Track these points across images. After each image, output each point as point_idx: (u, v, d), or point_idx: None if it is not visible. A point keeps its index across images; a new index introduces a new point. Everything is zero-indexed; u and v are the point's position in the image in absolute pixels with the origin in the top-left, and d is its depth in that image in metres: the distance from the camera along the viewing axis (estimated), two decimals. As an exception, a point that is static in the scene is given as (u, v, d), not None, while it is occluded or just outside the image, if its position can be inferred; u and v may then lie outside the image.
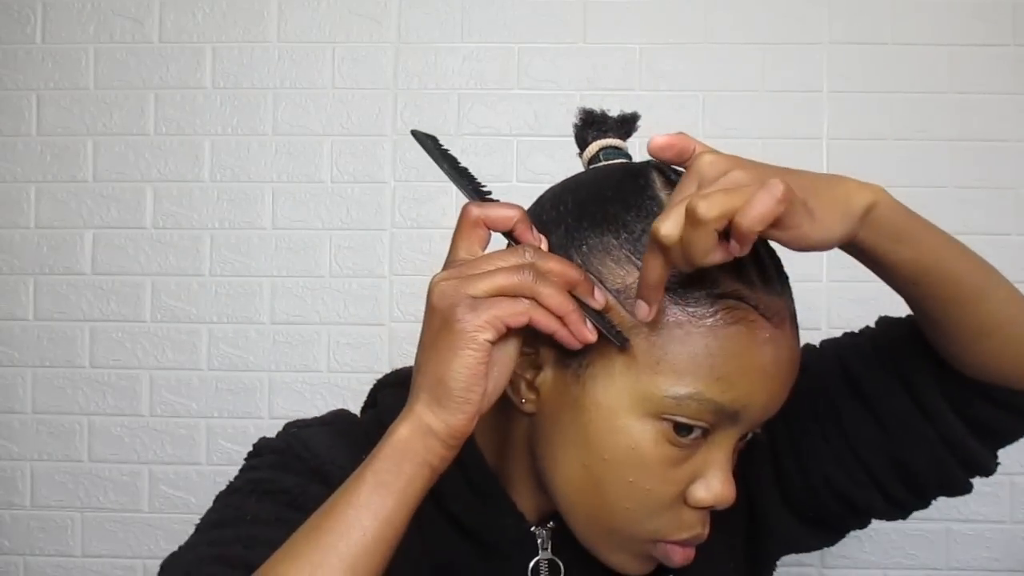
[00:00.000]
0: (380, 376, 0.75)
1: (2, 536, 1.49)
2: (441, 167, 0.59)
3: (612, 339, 0.54)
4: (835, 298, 1.42)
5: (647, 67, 1.48)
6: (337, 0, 1.50)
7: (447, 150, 0.60)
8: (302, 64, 1.50)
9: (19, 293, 1.50)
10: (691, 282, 0.53)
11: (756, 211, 0.45)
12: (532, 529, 0.64)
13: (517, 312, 0.50)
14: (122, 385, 1.49)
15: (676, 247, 0.48)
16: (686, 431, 0.54)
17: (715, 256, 0.47)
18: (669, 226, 0.48)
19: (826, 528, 0.71)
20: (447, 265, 0.53)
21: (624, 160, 0.64)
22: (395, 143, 1.49)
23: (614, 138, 0.64)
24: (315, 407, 1.47)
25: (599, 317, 0.54)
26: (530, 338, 0.56)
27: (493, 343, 0.50)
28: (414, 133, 0.60)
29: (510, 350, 0.52)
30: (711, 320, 0.53)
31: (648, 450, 0.54)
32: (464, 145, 1.48)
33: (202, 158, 1.50)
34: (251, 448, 0.67)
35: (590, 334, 0.53)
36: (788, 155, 1.46)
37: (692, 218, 0.46)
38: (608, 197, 0.58)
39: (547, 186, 0.65)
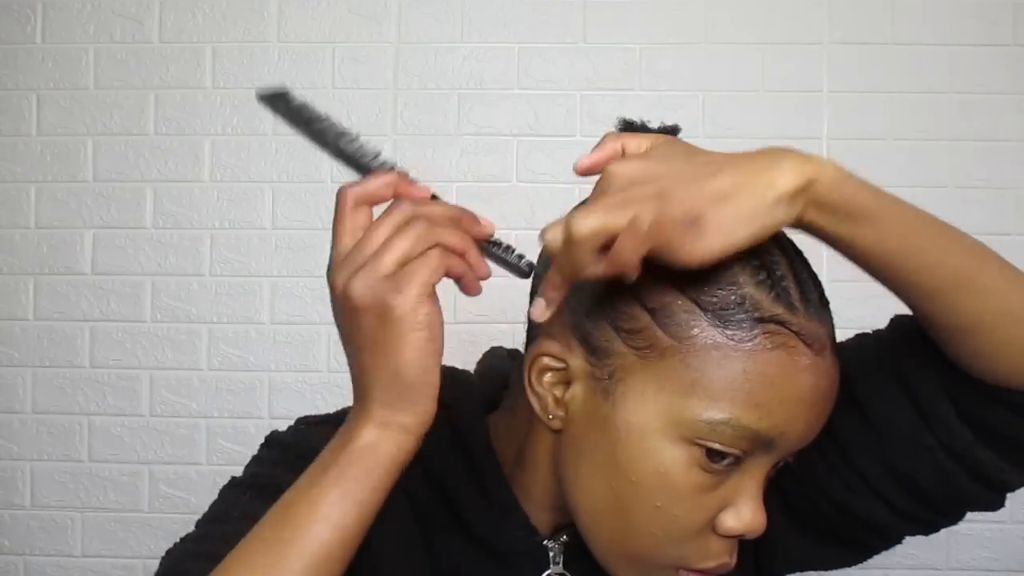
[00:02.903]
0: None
1: (2, 536, 1.49)
2: (300, 130, 0.52)
3: (510, 270, 0.54)
4: (835, 298, 1.41)
5: (647, 67, 1.48)
6: (337, 0, 1.50)
7: (303, 106, 0.52)
8: (302, 64, 1.50)
9: (19, 293, 1.50)
10: (732, 304, 0.52)
11: (620, 251, 0.47)
12: (544, 542, 0.63)
13: (434, 267, 0.49)
14: (122, 385, 1.49)
15: (560, 256, 0.49)
16: (719, 458, 0.53)
17: (594, 271, 0.48)
18: (552, 234, 0.49)
19: (845, 544, 0.67)
20: (337, 258, 0.50)
21: None
22: (395, 143, 1.49)
23: None
24: (315, 407, 1.47)
25: (494, 247, 0.54)
26: (559, 352, 0.56)
27: (429, 313, 0.48)
28: (260, 97, 0.52)
29: (437, 309, 0.50)
30: (751, 344, 0.51)
31: (678, 475, 0.53)
32: (464, 145, 1.48)
33: (202, 158, 1.50)
34: (263, 438, 0.67)
35: (486, 267, 0.53)
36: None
37: (566, 233, 0.48)
38: None
39: (547, 186, 0.65)
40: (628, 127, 0.61)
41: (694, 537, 0.55)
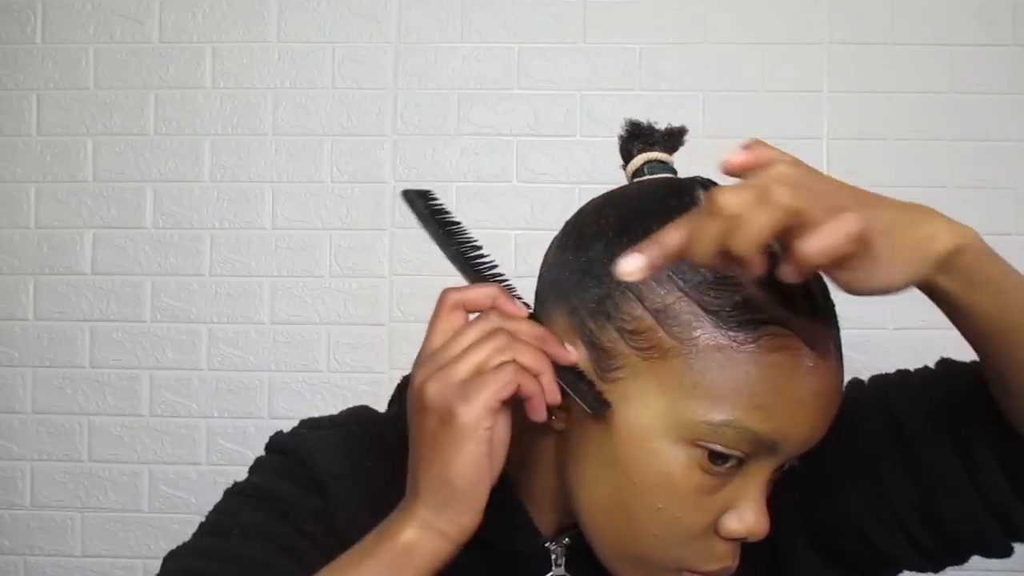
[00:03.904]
0: (378, 372, 0.74)
1: (2, 536, 1.49)
2: (429, 231, 0.56)
3: (583, 402, 0.53)
4: (835, 298, 1.42)
5: (647, 67, 1.48)
6: (337, 0, 1.50)
7: (439, 208, 0.56)
8: (302, 64, 1.50)
9: (19, 293, 1.50)
10: (735, 305, 0.51)
11: (823, 241, 0.41)
12: (547, 544, 0.63)
13: (505, 383, 0.49)
14: (122, 385, 1.49)
15: (725, 222, 0.42)
16: (721, 460, 0.53)
17: (757, 258, 0.42)
18: (733, 197, 0.42)
19: (855, 573, 0.66)
20: (424, 355, 0.52)
21: (669, 175, 0.62)
22: (395, 143, 1.49)
23: (660, 151, 0.63)
24: (315, 407, 1.47)
25: (571, 374, 0.53)
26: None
27: (491, 428, 0.49)
28: (404, 194, 0.56)
29: (503, 423, 0.52)
30: (753, 346, 0.51)
31: (680, 476, 0.53)
32: (464, 145, 1.48)
33: (202, 158, 1.50)
34: (267, 440, 0.67)
35: (558, 394, 0.52)
36: (788, 155, 1.46)
37: (763, 196, 0.41)
38: (651, 212, 0.55)
39: (547, 186, 0.65)
40: (634, 128, 0.60)
41: (696, 539, 0.55)
